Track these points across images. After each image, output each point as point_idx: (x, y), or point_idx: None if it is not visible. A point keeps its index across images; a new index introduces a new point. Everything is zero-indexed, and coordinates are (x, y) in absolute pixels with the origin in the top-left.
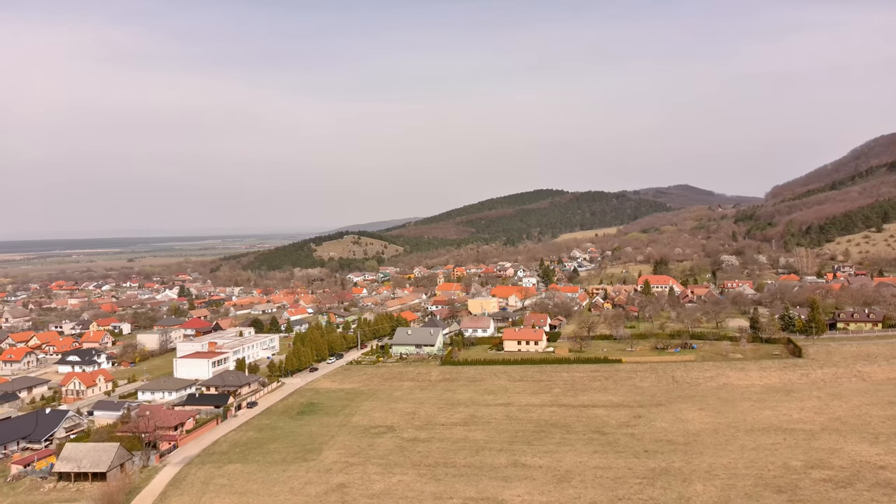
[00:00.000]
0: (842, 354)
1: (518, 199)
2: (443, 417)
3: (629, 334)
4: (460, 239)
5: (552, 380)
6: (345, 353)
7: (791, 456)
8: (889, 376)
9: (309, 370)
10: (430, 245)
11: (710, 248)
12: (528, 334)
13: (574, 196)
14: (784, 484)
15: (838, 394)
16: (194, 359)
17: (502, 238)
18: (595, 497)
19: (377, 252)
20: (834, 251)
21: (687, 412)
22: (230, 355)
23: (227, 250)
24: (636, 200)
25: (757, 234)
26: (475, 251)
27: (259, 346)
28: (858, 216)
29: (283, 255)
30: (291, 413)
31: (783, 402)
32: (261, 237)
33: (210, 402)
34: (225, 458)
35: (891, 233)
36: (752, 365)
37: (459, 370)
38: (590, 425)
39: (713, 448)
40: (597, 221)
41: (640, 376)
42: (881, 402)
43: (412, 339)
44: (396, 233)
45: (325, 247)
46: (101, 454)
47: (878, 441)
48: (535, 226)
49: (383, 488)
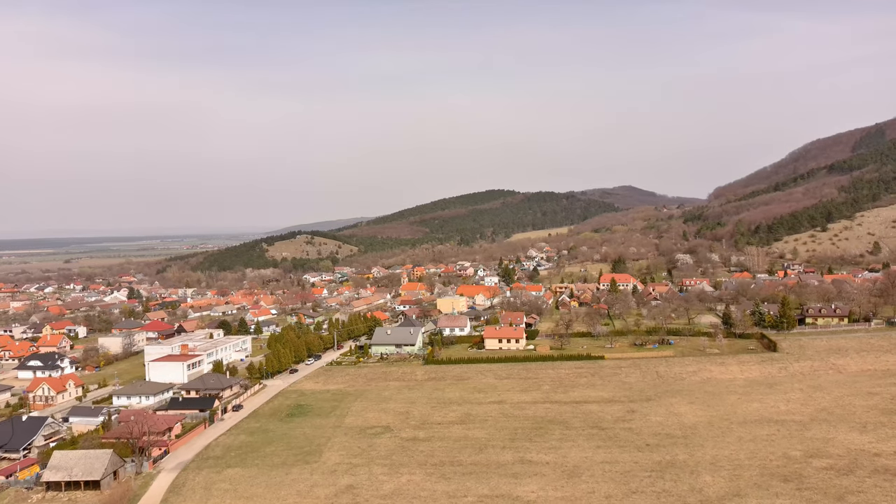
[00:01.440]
0: (814, 348)
1: (470, 200)
2: (438, 416)
3: (606, 331)
4: (415, 239)
5: (539, 377)
6: (322, 354)
7: (789, 446)
8: (863, 368)
9: (289, 372)
10: (384, 245)
11: (663, 248)
12: (509, 332)
13: (525, 196)
14: (788, 473)
15: (819, 386)
16: (168, 362)
17: (456, 238)
18: (609, 491)
19: (331, 252)
20: (782, 250)
21: (678, 406)
22: (204, 358)
23: (168, 251)
24: (585, 201)
25: (707, 233)
26: (431, 251)
27: (232, 349)
28: (804, 216)
29: (235, 256)
30: (280, 416)
31: (768, 395)
32: (202, 237)
33: (195, 406)
34: (222, 463)
35: (835, 232)
36: (730, 359)
37: (445, 369)
38: (587, 421)
39: (712, 440)
40: (548, 221)
41: (625, 372)
42: (861, 393)
43: (392, 339)
44: (349, 233)
45: (277, 247)
46: (94, 462)
47: (867, 430)
48: (489, 225)
49: (394, 488)
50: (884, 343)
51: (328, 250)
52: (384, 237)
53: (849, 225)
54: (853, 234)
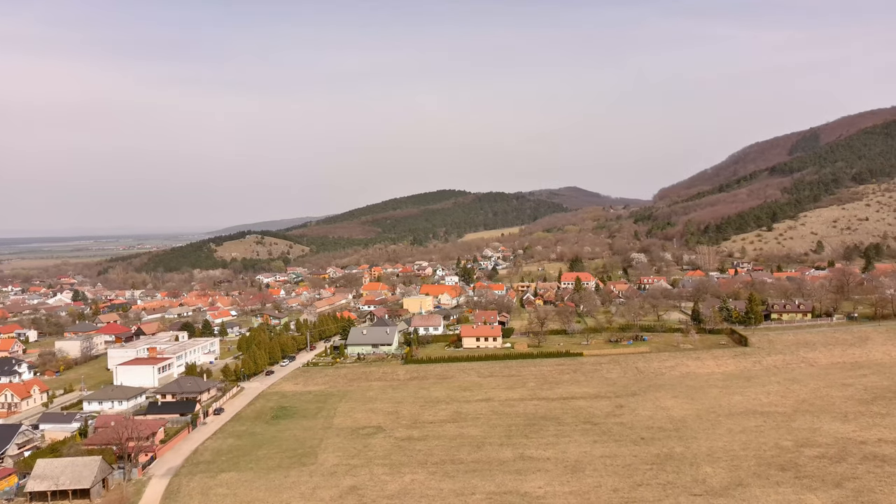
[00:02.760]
0: (783, 343)
1: (422, 199)
2: (428, 415)
3: (581, 328)
4: (367, 238)
5: (521, 375)
6: (296, 356)
7: (779, 437)
8: (832, 361)
9: (265, 374)
10: (336, 245)
11: (617, 247)
12: (487, 331)
13: (476, 196)
14: (784, 462)
15: (795, 379)
16: (137, 365)
17: (409, 238)
18: (615, 484)
19: (282, 252)
20: (731, 249)
21: (664, 400)
22: (174, 361)
23: (104, 252)
24: (534, 201)
25: (658, 233)
26: (384, 251)
27: (200, 351)
28: (750, 216)
29: (181, 257)
30: (265, 418)
31: (748, 388)
32: (138, 238)
33: (175, 410)
34: (214, 467)
35: (780, 231)
36: (705, 354)
37: (426, 368)
38: (578, 416)
39: (704, 433)
40: (499, 221)
41: (606, 368)
42: (836, 385)
43: (368, 339)
44: (299, 232)
45: (226, 247)
46: (82, 469)
47: (849, 419)
48: (441, 225)
49: (399, 488)
50: (848, 337)
51: (279, 250)
52: (336, 237)
53: (793, 225)
54: (797, 234)
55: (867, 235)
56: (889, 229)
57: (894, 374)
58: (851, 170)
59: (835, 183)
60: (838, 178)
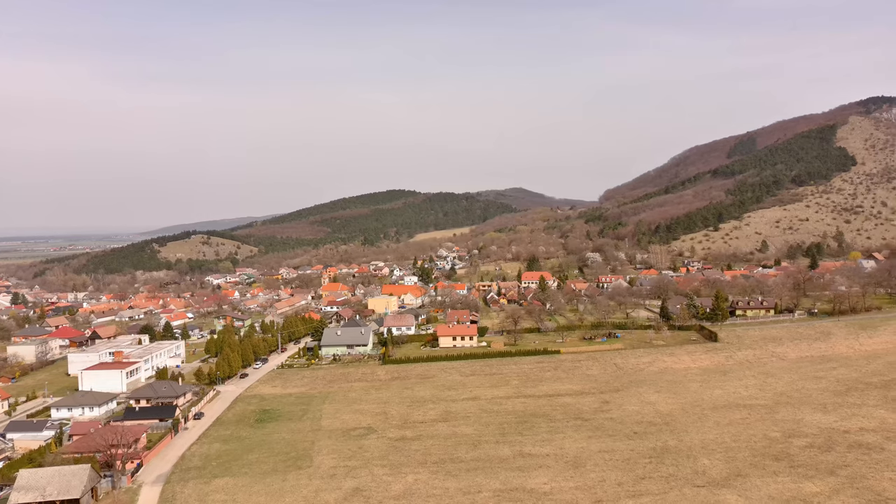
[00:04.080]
0: (751, 338)
1: (372, 199)
2: (417, 415)
3: (554, 327)
4: (317, 239)
5: (503, 373)
6: (268, 358)
7: (766, 428)
8: (801, 355)
9: (239, 376)
10: (285, 245)
11: (571, 247)
12: (463, 330)
13: (427, 197)
14: (776, 452)
15: (769, 372)
16: (103, 370)
17: (360, 238)
18: (618, 478)
19: (230, 253)
20: (681, 248)
21: (647, 395)
22: (141, 365)
23: (33, 253)
24: (483, 202)
25: (610, 233)
26: (336, 251)
27: (166, 355)
28: (698, 217)
29: (122, 258)
30: (249, 422)
31: (726, 382)
32: (69, 238)
33: (153, 416)
34: (207, 473)
35: (726, 231)
36: (678, 350)
37: (406, 368)
38: (567, 413)
39: (693, 426)
40: (450, 221)
41: (585, 365)
42: (809, 378)
43: (343, 340)
44: (245, 233)
45: (170, 247)
46: (70, 479)
47: (828, 410)
48: (392, 225)
49: (404, 489)
50: (811, 332)
51: (226, 251)
52: (284, 237)
53: (738, 225)
54: (742, 234)
55: (808, 235)
56: (828, 229)
57: (861, 367)
58: (791, 172)
59: (775, 185)
60: (778, 181)
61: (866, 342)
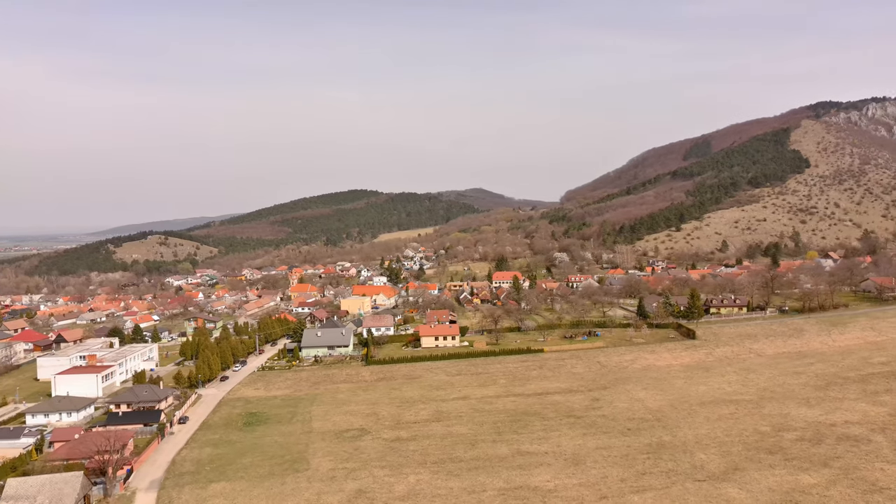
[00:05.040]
0: (727, 335)
1: (333, 199)
2: (409, 416)
3: (535, 326)
4: (278, 239)
5: (489, 372)
6: (247, 360)
7: (755, 423)
8: (778, 351)
9: (220, 379)
10: (246, 245)
11: (538, 247)
12: (445, 330)
13: (389, 197)
14: (770, 446)
15: (749, 368)
16: (78, 374)
17: (323, 238)
18: (619, 474)
19: (189, 254)
20: (645, 248)
21: (635, 392)
22: (116, 369)
23: None
24: (446, 202)
25: (575, 233)
26: (298, 251)
27: (139, 358)
28: (660, 217)
29: (76, 259)
30: (237, 425)
31: (710, 379)
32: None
33: (137, 421)
34: (202, 478)
35: (688, 231)
36: (659, 348)
37: (391, 369)
38: (559, 411)
39: (684, 422)
40: (413, 222)
41: (570, 364)
42: (789, 373)
43: (323, 341)
44: (203, 233)
45: (126, 248)
46: (63, 487)
47: (812, 405)
48: (354, 225)
49: (407, 489)
50: (783, 329)
51: (185, 251)
52: (244, 237)
53: (699, 225)
54: (703, 234)
55: (766, 235)
56: (784, 229)
57: (837, 362)
58: (747, 174)
59: (733, 186)
60: (736, 182)
61: (839, 338)
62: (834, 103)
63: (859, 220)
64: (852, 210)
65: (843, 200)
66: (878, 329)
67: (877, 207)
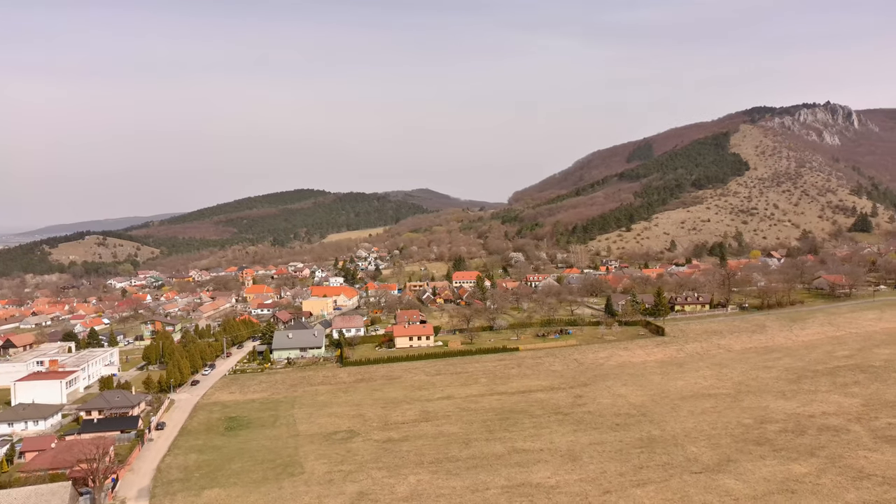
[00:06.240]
0: (694, 332)
1: (279, 199)
2: (396, 416)
3: (507, 324)
4: (223, 239)
5: (469, 371)
6: (216, 364)
7: (737, 416)
8: (745, 347)
9: (190, 384)
10: (189, 246)
11: (492, 247)
12: (420, 330)
13: (337, 197)
14: (756, 438)
15: (720, 363)
16: (40, 381)
17: (269, 238)
18: (617, 469)
19: (129, 254)
20: (598, 248)
21: (616, 388)
22: (80, 374)
23: None
24: (395, 202)
25: (528, 233)
26: (244, 252)
27: (101, 363)
28: (611, 218)
29: (9, 260)
30: (218, 430)
31: (685, 374)
32: None
33: (115, 427)
34: (193, 485)
35: (638, 231)
36: (631, 345)
37: (368, 370)
38: (545, 408)
39: (669, 416)
40: (362, 222)
41: (548, 362)
42: (759, 367)
43: (295, 343)
44: (143, 233)
45: (62, 249)
46: (50, 498)
47: (788, 397)
48: (302, 226)
49: (409, 490)
50: (746, 325)
51: (125, 252)
52: (187, 238)
53: (648, 226)
54: (652, 234)
55: (710, 235)
56: (728, 229)
57: (803, 357)
58: (691, 176)
59: (678, 188)
60: (681, 184)
61: (800, 334)
62: (768, 109)
63: (797, 220)
64: (790, 211)
65: (782, 202)
66: (835, 324)
67: (813, 208)
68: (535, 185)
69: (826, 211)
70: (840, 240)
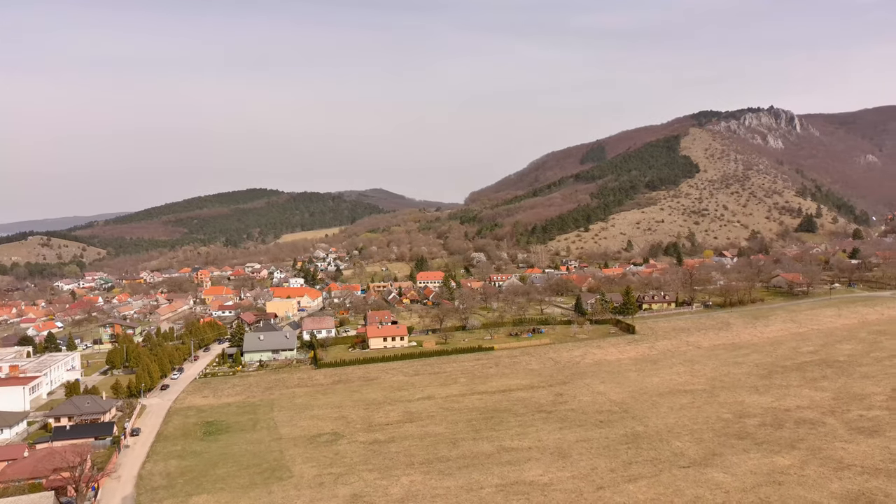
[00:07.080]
0: (663, 329)
1: (231, 198)
2: (379, 418)
3: (480, 324)
4: (173, 240)
5: (447, 371)
6: (184, 367)
7: (716, 411)
8: (714, 343)
9: (160, 388)
10: (138, 247)
11: (453, 247)
12: (394, 331)
13: (291, 196)
14: (737, 432)
15: (692, 360)
16: (1, 387)
17: (221, 239)
18: (607, 465)
19: (75, 255)
20: (557, 248)
21: (595, 386)
22: (42, 380)
23: None
24: (350, 202)
25: (488, 234)
26: (196, 252)
27: (63, 368)
28: (570, 218)
29: None
30: (196, 435)
31: (659, 371)
32: None
33: (89, 434)
34: (179, 492)
35: (595, 232)
36: (603, 343)
37: (344, 371)
38: (528, 407)
39: (650, 412)
40: (317, 222)
41: (524, 360)
42: (730, 364)
43: (266, 345)
44: (88, 233)
45: (3, 250)
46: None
47: (762, 392)
48: (255, 226)
49: (404, 492)
50: (712, 322)
51: (70, 253)
52: (134, 238)
53: (605, 226)
54: (609, 234)
55: (665, 235)
56: (681, 230)
57: (771, 352)
58: (645, 178)
59: (632, 190)
60: (635, 186)
61: (765, 331)
62: (714, 112)
63: (746, 221)
64: (739, 212)
65: (731, 203)
66: (797, 321)
67: (760, 210)
68: (492, 186)
69: (773, 212)
70: (787, 240)
